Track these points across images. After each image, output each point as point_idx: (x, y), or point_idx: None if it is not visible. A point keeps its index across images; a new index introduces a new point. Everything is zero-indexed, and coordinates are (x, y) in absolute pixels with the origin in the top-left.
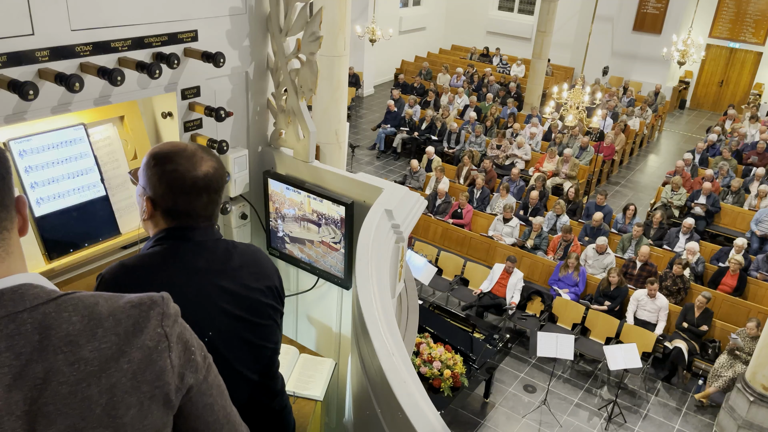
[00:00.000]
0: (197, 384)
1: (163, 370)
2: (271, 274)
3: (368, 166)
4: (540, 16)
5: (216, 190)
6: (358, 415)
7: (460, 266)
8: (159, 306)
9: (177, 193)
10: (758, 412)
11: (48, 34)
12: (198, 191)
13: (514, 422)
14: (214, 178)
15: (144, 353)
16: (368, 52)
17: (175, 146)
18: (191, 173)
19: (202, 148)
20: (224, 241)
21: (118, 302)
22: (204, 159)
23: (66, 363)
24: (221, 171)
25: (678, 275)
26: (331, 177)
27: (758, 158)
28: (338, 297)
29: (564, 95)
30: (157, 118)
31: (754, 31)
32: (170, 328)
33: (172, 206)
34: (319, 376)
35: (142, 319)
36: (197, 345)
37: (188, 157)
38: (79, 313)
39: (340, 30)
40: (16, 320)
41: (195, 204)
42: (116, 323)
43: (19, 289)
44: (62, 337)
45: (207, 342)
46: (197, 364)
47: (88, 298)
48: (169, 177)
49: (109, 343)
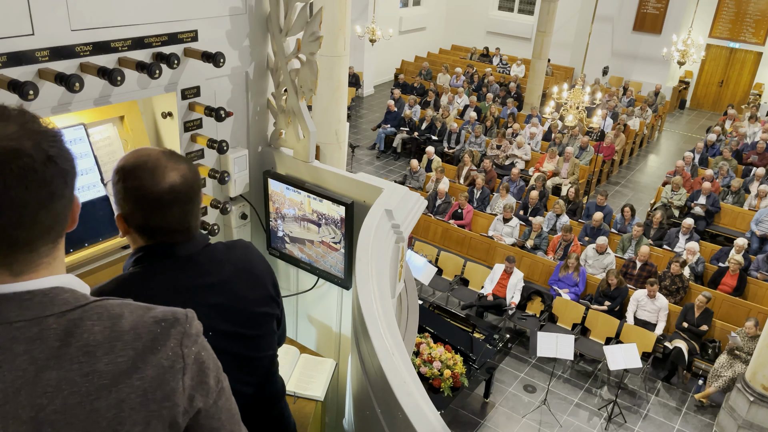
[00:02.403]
0: (206, 408)
1: (174, 390)
2: (264, 278)
3: (368, 166)
4: (540, 16)
5: (187, 200)
6: (358, 415)
7: (460, 266)
8: (181, 325)
9: (145, 210)
10: (758, 412)
11: (48, 34)
12: (167, 205)
13: (514, 422)
14: (183, 187)
15: (158, 371)
16: (368, 52)
17: (138, 158)
18: (156, 188)
19: (169, 155)
20: (211, 251)
21: (144, 316)
22: (169, 168)
23: (80, 374)
24: (191, 177)
25: (676, 275)
26: (331, 177)
27: (758, 158)
28: (338, 297)
29: (564, 95)
30: (157, 118)
31: (754, 31)
32: (188, 348)
33: (143, 223)
34: (320, 376)
35: (163, 336)
36: (213, 366)
37: (151, 170)
38: (102, 324)
39: (340, 30)
40: (41, 324)
41: (167, 219)
42: (136, 338)
43: (50, 292)
44: (81, 347)
45: None
46: (209, 387)
47: (114, 307)
48: (133, 194)
49: (126, 358)
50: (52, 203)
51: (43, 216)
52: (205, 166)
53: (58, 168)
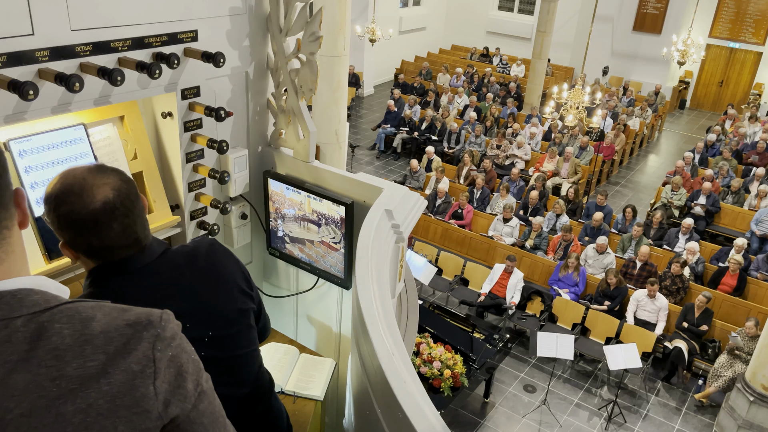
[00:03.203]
0: (184, 413)
1: (144, 396)
2: (232, 272)
3: (368, 166)
4: (540, 16)
5: (126, 213)
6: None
7: (460, 266)
8: (154, 327)
9: (83, 234)
10: (758, 412)
11: (48, 34)
12: (105, 224)
13: (514, 422)
14: (118, 201)
15: (127, 377)
16: (368, 52)
17: (64, 183)
18: (88, 209)
19: (95, 170)
20: (169, 257)
21: (117, 319)
22: (96, 186)
23: (48, 378)
24: (125, 188)
25: (677, 275)
26: (331, 177)
27: (758, 158)
28: (338, 297)
29: (564, 95)
30: (157, 118)
31: (754, 31)
32: (161, 352)
33: (86, 247)
34: (320, 376)
35: (134, 340)
36: (192, 369)
37: (78, 193)
38: (72, 327)
39: (340, 30)
40: (9, 326)
41: (110, 237)
42: (107, 341)
43: (18, 293)
44: (50, 350)
45: None
46: (187, 392)
47: (86, 310)
48: (67, 220)
49: (96, 362)
50: None
51: None
52: (205, 166)
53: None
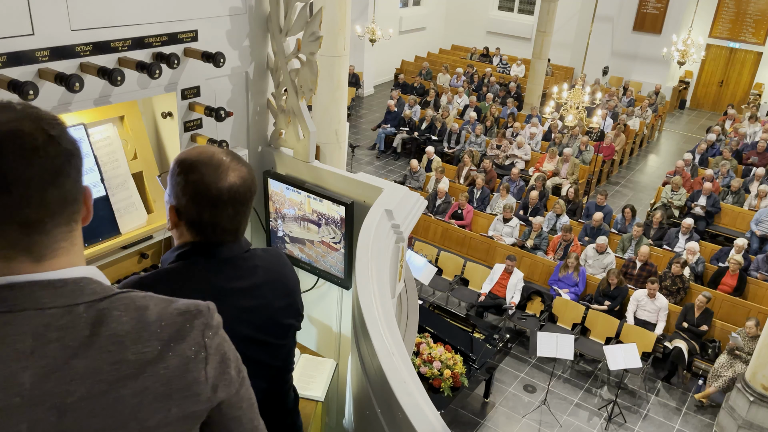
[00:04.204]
0: (229, 397)
1: (196, 380)
2: (294, 288)
3: (368, 166)
4: (540, 16)
5: (243, 202)
6: (358, 415)
7: (460, 266)
8: (204, 316)
9: (201, 205)
10: (758, 412)
11: (48, 34)
12: (223, 204)
13: (514, 422)
14: (242, 189)
15: (181, 361)
16: (368, 52)
17: (202, 153)
18: (216, 184)
19: (232, 155)
20: (251, 255)
21: (167, 308)
22: (231, 169)
23: (108, 362)
24: (250, 181)
25: (677, 275)
26: (331, 177)
27: (758, 158)
28: (338, 297)
29: (564, 95)
30: (157, 118)
31: (754, 31)
32: (210, 339)
33: (196, 218)
34: (320, 376)
35: (186, 327)
36: (233, 357)
37: (215, 166)
38: (129, 315)
39: (340, 30)
40: (72, 312)
41: (220, 217)
42: (161, 329)
43: (81, 281)
44: (109, 336)
45: None
46: (231, 377)
47: (140, 299)
48: (193, 187)
49: (151, 348)
50: (57, 181)
51: (51, 195)
52: None
53: (61, 147)
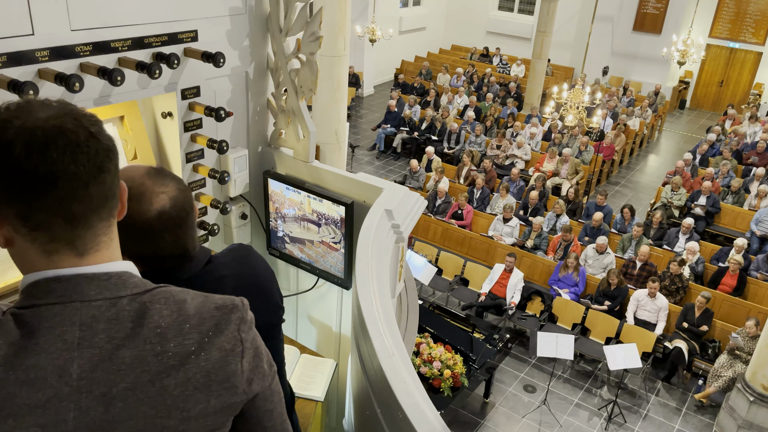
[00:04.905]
0: (262, 390)
1: (234, 372)
2: (268, 284)
3: (368, 166)
4: (540, 16)
5: (180, 223)
6: (358, 415)
7: (460, 266)
8: (239, 311)
9: (135, 240)
10: (758, 412)
11: (48, 34)
12: (158, 233)
13: (514, 422)
14: (174, 211)
15: (221, 354)
16: (368, 52)
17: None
18: (144, 216)
19: (154, 174)
20: (214, 266)
21: (205, 302)
22: (155, 193)
23: (152, 353)
24: (182, 197)
25: (676, 274)
26: (331, 177)
27: (758, 158)
28: (338, 297)
29: (564, 95)
30: (157, 118)
31: (754, 31)
32: (246, 333)
33: (136, 253)
34: (320, 376)
35: (224, 321)
36: (265, 352)
37: (137, 197)
38: (170, 308)
39: (340, 30)
40: (117, 305)
41: (160, 246)
42: (201, 322)
43: (123, 275)
44: (153, 328)
45: None
46: (264, 371)
47: (177, 294)
48: (120, 224)
49: (192, 340)
50: (100, 176)
51: (94, 189)
52: (205, 166)
53: (101, 144)
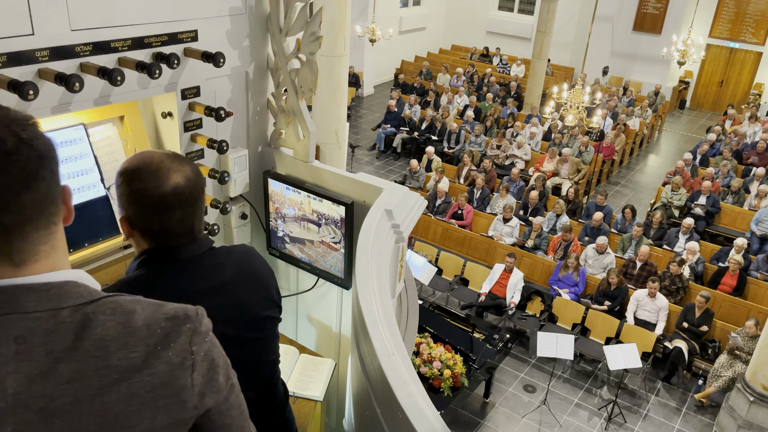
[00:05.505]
0: (217, 405)
1: (183, 387)
2: (267, 281)
3: (368, 166)
4: (540, 16)
5: (191, 202)
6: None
7: (460, 266)
8: (192, 321)
9: (148, 212)
10: (758, 412)
11: (48, 34)
12: (169, 207)
13: (514, 422)
14: (186, 189)
15: (168, 368)
16: (368, 52)
17: (141, 160)
18: (159, 189)
19: (172, 156)
20: (214, 253)
21: (155, 313)
22: (172, 170)
23: (93, 368)
24: (195, 178)
25: (676, 274)
26: (331, 177)
27: (758, 158)
28: (338, 297)
29: (564, 95)
30: (157, 118)
31: (754, 31)
32: (198, 346)
33: (146, 226)
34: (319, 376)
35: (174, 333)
36: (222, 364)
37: (154, 171)
38: (116, 320)
39: (340, 30)
40: (57, 317)
41: (169, 221)
42: (148, 334)
43: (65, 285)
44: (95, 341)
45: None
46: (219, 385)
47: (127, 303)
48: (136, 196)
49: (138, 353)
50: (32, 185)
51: (26, 199)
52: (205, 166)
53: (33, 150)
